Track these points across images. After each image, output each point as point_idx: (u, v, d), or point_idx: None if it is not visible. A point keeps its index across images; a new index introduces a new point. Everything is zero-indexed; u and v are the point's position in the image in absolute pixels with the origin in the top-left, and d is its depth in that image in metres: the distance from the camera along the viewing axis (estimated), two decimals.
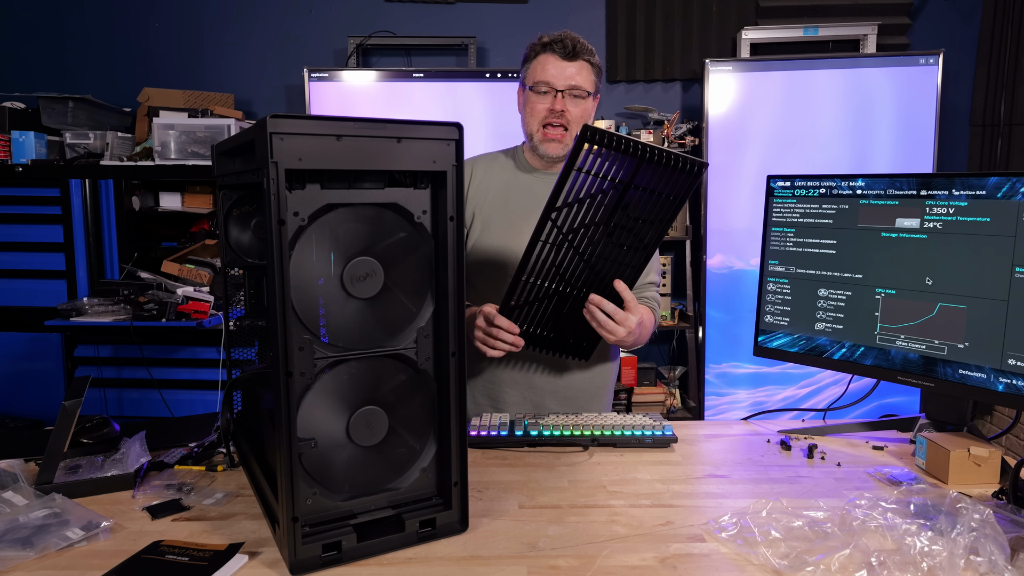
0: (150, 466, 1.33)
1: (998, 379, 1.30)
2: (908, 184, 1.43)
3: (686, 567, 1.00)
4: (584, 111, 1.64)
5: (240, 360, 1.39)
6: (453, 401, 1.08)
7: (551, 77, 1.61)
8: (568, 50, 1.61)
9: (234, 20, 3.81)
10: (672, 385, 3.77)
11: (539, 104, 1.64)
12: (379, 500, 1.07)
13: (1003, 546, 0.98)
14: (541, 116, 1.64)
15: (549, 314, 1.49)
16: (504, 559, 1.02)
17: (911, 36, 3.74)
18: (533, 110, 1.65)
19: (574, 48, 1.61)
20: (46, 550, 1.03)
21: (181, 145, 3.19)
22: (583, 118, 1.65)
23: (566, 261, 1.41)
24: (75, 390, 1.31)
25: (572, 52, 1.61)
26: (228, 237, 1.29)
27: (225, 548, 1.04)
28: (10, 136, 3.19)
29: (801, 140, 3.39)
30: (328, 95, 3.46)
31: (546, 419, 1.52)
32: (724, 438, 1.56)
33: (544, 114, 1.63)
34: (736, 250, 3.47)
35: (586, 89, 1.63)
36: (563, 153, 1.65)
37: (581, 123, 1.64)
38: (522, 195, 1.71)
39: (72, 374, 3.21)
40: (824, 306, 1.55)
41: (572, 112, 1.63)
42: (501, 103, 3.42)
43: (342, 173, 0.98)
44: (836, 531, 1.05)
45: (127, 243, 3.23)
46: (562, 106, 1.62)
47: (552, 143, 1.64)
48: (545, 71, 1.62)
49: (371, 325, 1.03)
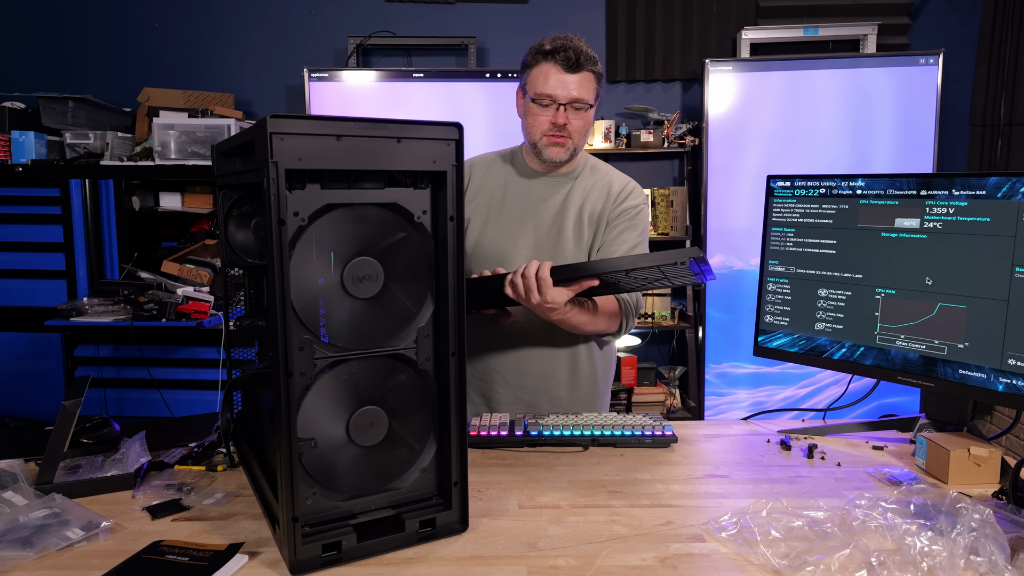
0: (150, 466, 1.33)
1: (998, 379, 1.30)
2: (908, 184, 1.43)
3: (686, 567, 1.00)
4: (586, 122, 1.64)
5: (240, 360, 1.39)
6: (453, 401, 1.08)
7: (553, 90, 1.58)
8: (571, 62, 1.56)
9: (234, 20, 3.81)
10: (672, 385, 3.77)
11: (541, 116, 1.61)
12: (379, 500, 1.06)
13: (1003, 546, 0.98)
14: (544, 128, 1.62)
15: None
16: (504, 559, 1.02)
17: (911, 36, 3.74)
18: (535, 122, 1.62)
19: (577, 59, 1.56)
20: (46, 550, 1.03)
21: (181, 145, 3.19)
22: (585, 128, 1.65)
23: None
24: (75, 390, 1.31)
25: (575, 63, 1.56)
26: (228, 237, 1.29)
27: (225, 548, 1.04)
28: (10, 136, 3.19)
29: (801, 140, 3.39)
30: (328, 95, 3.46)
31: (546, 419, 1.52)
32: (724, 438, 1.56)
33: (546, 127, 1.61)
34: (736, 250, 3.47)
35: (588, 102, 1.61)
36: (566, 158, 1.65)
37: (583, 132, 1.64)
38: (520, 197, 1.71)
39: (72, 374, 3.21)
40: (824, 306, 1.55)
41: (574, 124, 1.62)
42: (501, 103, 3.43)
43: (342, 173, 0.98)
44: (836, 531, 1.05)
45: (127, 243, 3.23)
46: (564, 120, 1.59)
47: (555, 147, 1.63)
48: (547, 83, 1.58)
49: (371, 325, 1.03)
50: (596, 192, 1.71)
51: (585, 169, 1.74)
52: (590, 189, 1.71)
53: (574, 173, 1.73)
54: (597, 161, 1.79)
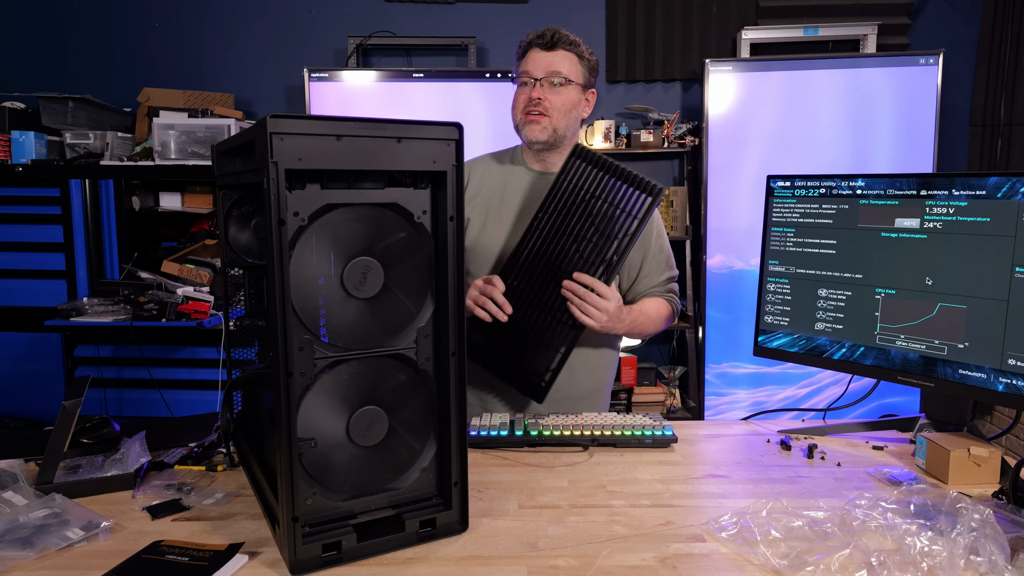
0: (150, 466, 1.33)
1: (998, 379, 1.30)
2: (908, 184, 1.43)
3: (686, 567, 1.00)
4: (566, 100, 1.65)
5: (240, 360, 1.39)
6: (453, 401, 1.08)
7: (530, 67, 1.66)
8: (547, 40, 1.65)
9: (234, 20, 3.81)
10: (672, 385, 3.77)
11: (520, 95, 1.68)
12: (379, 500, 1.07)
13: (1003, 546, 0.98)
14: (521, 105, 1.67)
15: (532, 300, 1.56)
16: (504, 559, 1.02)
17: (911, 36, 3.74)
18: (516, 101, 1.69)
19: (552, 38, 1.65)
20: (46, 550, 1.03)
21: (181, 145, 3.19)
22: (565, 107, 1.65)
23: (540, 264, 1.55)
24: (75, 390, 1.31)
25: (551, 42, 1.65)
26: (228, 237, 1.29)
27: (225, 548, 1.04)
28: (10, 136, 3.19)
29: (801, 140, 3.39)
30: (328, 95, 3.46)
31: (546, 419, 1.52)
32: (724, 438, 1.56)
33: (524, 103, 1.66)
34: (736, 250, 3.47)
35: (565, 76, 1.64)
36: (544, 137, 1.65)
37: (562, 111, 1.65)
38: (520, 195, 1.71)
39: (72, 374, 3.21)
40: (824, 306, 1.55)
41: (552, 100, 1.64)
42: (501, 103, 3.40)
43: (342, 173, 0.98)
44: (836, 531, 1.05)
45: (127, 243, 3.23)
46: (539, 94, 1.64)
47: (531, 125, 1.65)
48: (527, 63, 1.67)
49: (371, 325, 1.03)
50: None
51: None
52: None
53: None
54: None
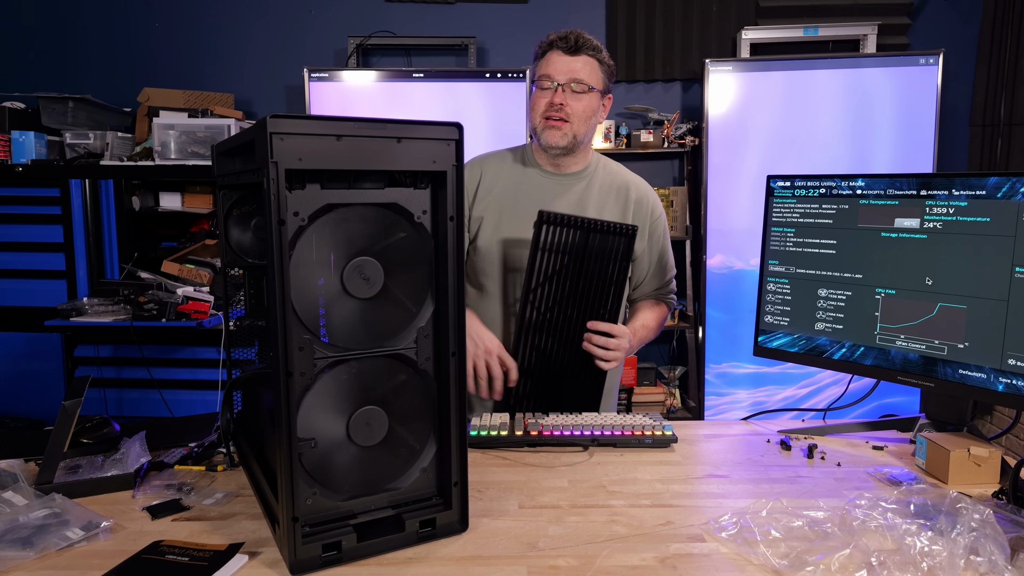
0: (150, 466, 1.33)
1: (998, 379, 1.30)
2: (908, 184, 1.43)
3: (686, 567, 1.00)
4: (587, 107, 1.64)
5: (240, 360, 1.39)
6: (453, 401, 1.08)
7: (552, 71, 1.63)
8: (571, 45, 1.62)
9: (234, 20, 3.81)
10: (672, 385, 3.77)
11: (541, 99, 1.65)
12: (379, 500, 1.06)
13: (1003, 546, 0.98)
14: (542, 110, 1.65)
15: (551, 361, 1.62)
16: (504, 559, 1.02)
17: (911, 36, 3.74)
18: (536, 104, 1.67)
19: (576, 43, 1.62)
20: (46, 550, 1.03)
21: (181, 145, 3.19)
22: (586, 113, 1.65)
23: (546, 338, 1.60)
24: (75, 390, 1.31)
25: (575, 47, 1.62)
26: (228, 237, 1.29)
27: (225, 548, 1.04)
28: (10, 136, 3.19)
29: (801, 140, 3.39)
30: (328, 95, 3.46)
31: (546, 419, 1.52)
32: (724, 438, 1.56)
33: (544, 108, 1.64)
34: (736, 250, 3.47)
35: (588, 83, 1.63)
36: (563, 143, 1.65)
37: (583, 118, 1.64)
38: (531, 194, 1.71)
39: (72, 374, 3.21)
40: (824, 306, 1.55)
41: (573, 106, 1.63)
42: (501, 103, 3.42)
43: (342, 173, 0.98)
44: (836, 531, 1.05)
45: (127, 243, 3.23)
46: (561, 99, 1.62)
47: (551, 131, 1.64)
48: (548, 65, 1.64)
49: (371, 325, 1.03)
50: (614, 196, 1.74)
51: (598, 169, 1.75)
52: (608, 190, 1.73)
53: (586, 172, 1.73)
54: (608, 160, 1.80)
